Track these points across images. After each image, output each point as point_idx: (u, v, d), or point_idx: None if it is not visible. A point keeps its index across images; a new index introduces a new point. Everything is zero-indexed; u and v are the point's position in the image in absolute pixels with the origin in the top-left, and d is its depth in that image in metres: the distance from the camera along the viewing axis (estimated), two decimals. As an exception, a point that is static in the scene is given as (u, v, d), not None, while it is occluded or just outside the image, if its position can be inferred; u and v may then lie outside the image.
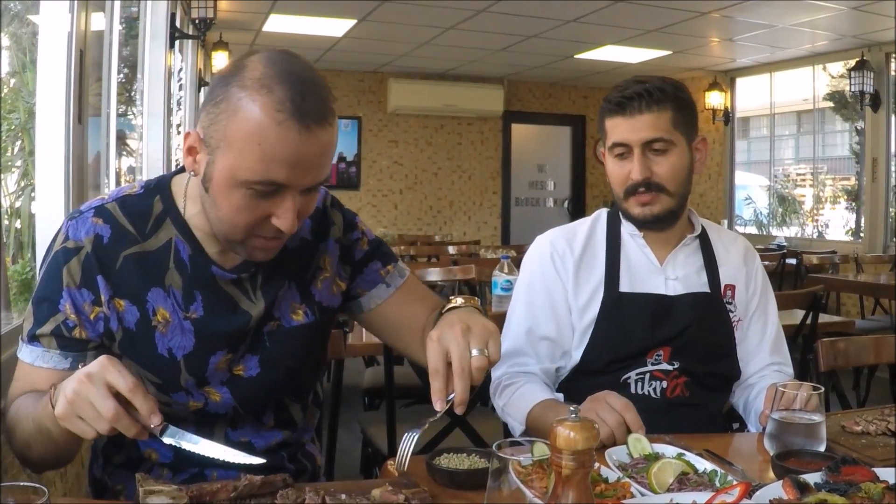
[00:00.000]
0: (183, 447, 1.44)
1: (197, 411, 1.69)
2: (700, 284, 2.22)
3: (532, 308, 2.23)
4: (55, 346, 1.61)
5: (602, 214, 2.32)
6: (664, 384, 2.13)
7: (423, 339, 1.62)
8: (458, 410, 1.45)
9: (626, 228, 2.25)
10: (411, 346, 1.88)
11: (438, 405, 1.47)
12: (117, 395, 1.34)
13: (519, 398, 2.11)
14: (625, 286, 2.19)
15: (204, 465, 1.71)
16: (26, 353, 1.62)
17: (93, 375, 1.34)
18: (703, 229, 2.29)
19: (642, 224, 2.19)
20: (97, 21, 3.42)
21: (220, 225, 1.56)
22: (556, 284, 2.22)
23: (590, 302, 2.19)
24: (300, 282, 1.77)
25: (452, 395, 1.46)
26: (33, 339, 1.61)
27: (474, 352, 1.47)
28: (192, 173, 1.56)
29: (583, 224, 2.33)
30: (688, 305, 2.17)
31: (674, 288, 2.19)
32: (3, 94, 3.54)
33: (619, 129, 2.12)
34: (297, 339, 1.76)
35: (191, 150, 1.54)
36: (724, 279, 2.24)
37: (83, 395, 1.33)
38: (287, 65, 1.47)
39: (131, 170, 5.54)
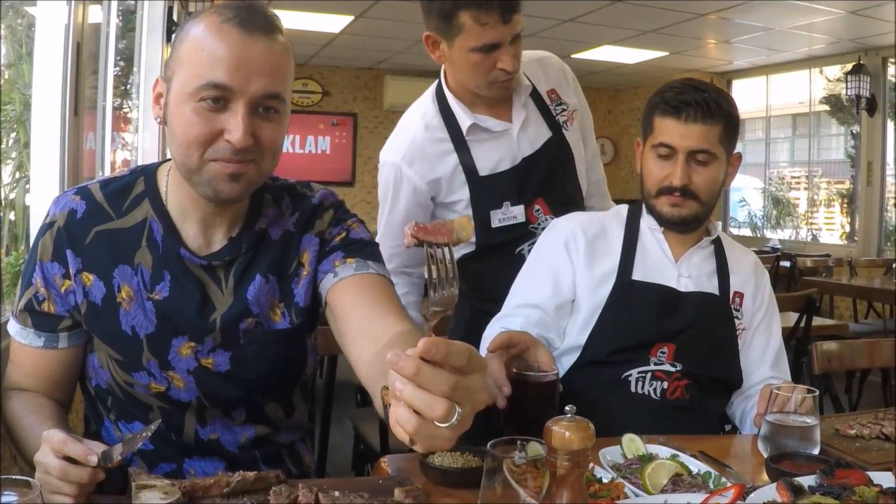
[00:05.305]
0: (125, 451, 1.39)
1: (160, 395, 1.66)
2: (711, 287, 2.24)
3: (531, 282, 2.28)
4: (30, 323, 1.67)
5: (623, 208, 2.36)
6: (665, 385, 2.13)
7: (366, 343, 1.51)
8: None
9: (646, 222, 2.28)
10: (348, 345, 1.62)
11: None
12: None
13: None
14: (637, 275, 2.21)
15: (181, 460, 1.72)
16: (11, 325, 1.71)
17: (36, 458, 1.35)
18: (718, 237, 2.33)
19: (668, 223, 2.22)
20: (94, 14, 3.40)
21: (177, 153, 1.53)
22: (563, 264, 2.25)
23: (599, 286, 2.21)
24: (281, 277, 1.71)
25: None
26: (16, 314, 1.70)
27: None
28: (158, 120, 1.57)
29: (602, 213, 2.39)
30: (695, 303, 2.19)
31: (685, 285, 2.21)
32: (-1, 86, 3.53)
33: (670, 130, 2.14)
34: (274, 344, 1.70)
35: (157, 98, 1.57)
36: (734, 286, 2.27)
37: (41, 476, 1.34)
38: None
39: (126, 163, 5.52)
